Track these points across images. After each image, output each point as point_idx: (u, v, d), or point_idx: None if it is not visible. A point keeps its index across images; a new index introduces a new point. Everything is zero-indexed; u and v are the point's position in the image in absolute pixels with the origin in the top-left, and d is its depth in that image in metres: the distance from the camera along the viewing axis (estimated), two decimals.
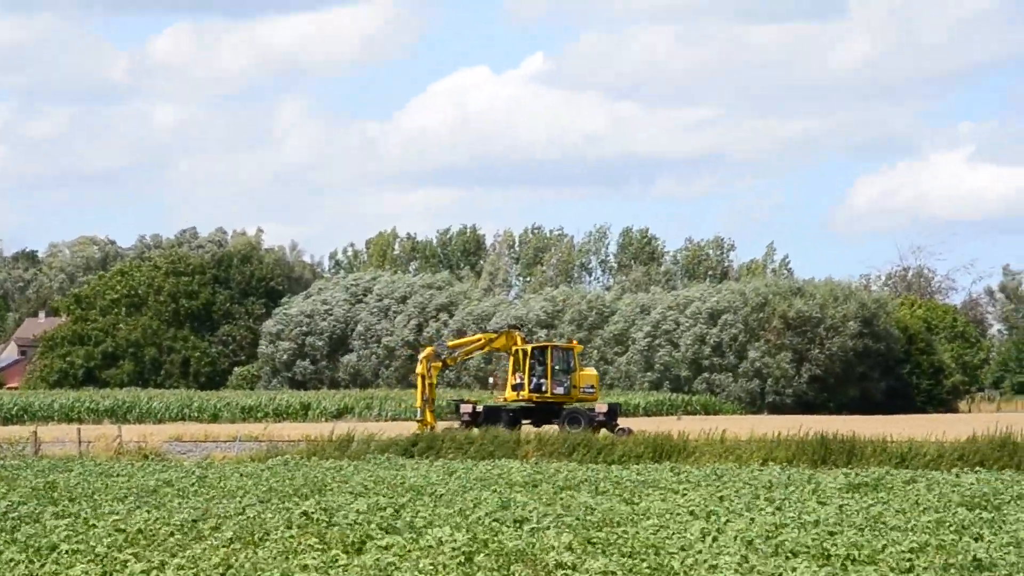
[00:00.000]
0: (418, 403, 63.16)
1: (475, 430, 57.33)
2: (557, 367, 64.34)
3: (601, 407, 63.92)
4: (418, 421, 62.30)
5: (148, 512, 30.40)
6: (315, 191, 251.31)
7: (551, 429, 58.82)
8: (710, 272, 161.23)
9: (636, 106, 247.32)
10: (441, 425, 61.45)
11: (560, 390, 63.90)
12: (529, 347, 64.69)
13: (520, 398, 63.83)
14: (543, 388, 63.72)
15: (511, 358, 64.72)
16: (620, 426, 62.44)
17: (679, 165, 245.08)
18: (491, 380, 69.45)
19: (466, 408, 63.71)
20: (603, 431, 60.38)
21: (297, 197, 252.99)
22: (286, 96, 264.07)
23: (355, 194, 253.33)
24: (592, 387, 64.95)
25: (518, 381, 63.69)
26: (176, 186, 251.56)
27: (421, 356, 64.21)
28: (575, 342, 72.45)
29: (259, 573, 21.61)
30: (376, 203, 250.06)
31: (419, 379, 62.92)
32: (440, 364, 64.32)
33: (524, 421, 63.00)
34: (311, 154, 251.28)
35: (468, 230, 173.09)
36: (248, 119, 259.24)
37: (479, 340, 67.00)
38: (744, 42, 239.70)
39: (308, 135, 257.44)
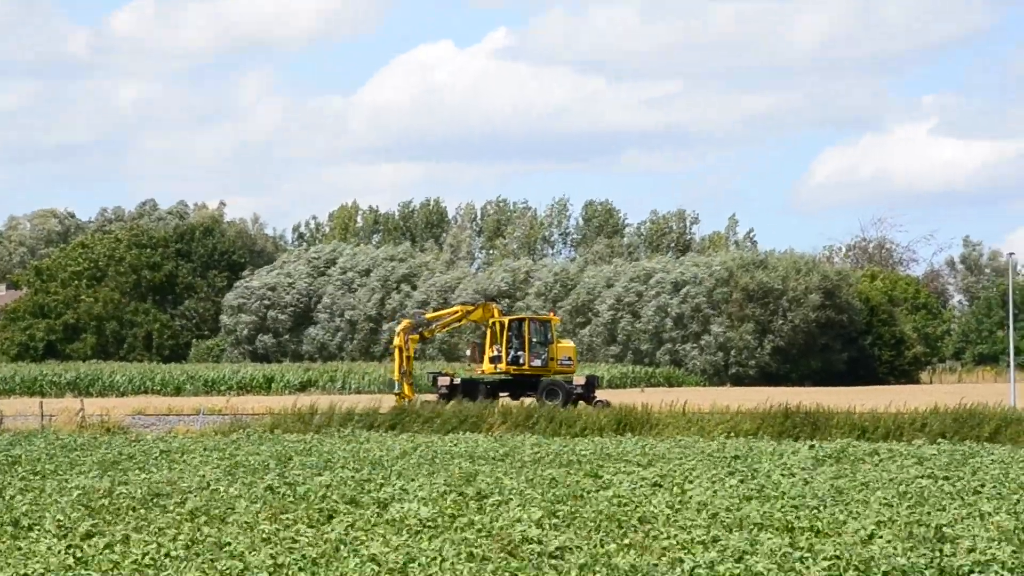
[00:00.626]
0: (396, 376, 63.09)
1: (452, 403, 57.38)
2: (535, 339, 64.29)
3: (579, 379, 63.89)
4: (396, 394, 62.21)
5: (112, 486, 30.32)
6: (278, 165, 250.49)
7: (515, 402, 58.82)
8: (672, 245, 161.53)
9: (601, 80, 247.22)
10: (419, 398, 61.46)
11: (538, 362, 63.83)
12: (507, 319, 64.56)
13: (498, 371, 63.74)
14: (520, 361, 63.67)
15: (488, 331, 64.67)
16: (598, 398, 62.47)
17: (644, 139, 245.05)
18: (468, 352, 69.39)
19: (443, 381, 63.58)
20: (581, 403, 60.45)
21: (260, 171, 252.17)
22: (249, 70, 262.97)
23: (318, 168, 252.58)
24: (570, 359, 64.86)
25: (495, 354, 63.68)
26: (138, 161, 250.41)
27: (398, 328, 64.09)
28: (553, 314, 72.38)
29: (223, 547, 21.59)
30: (339, 177, 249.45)
31: (396, 351, 62.85)
32: (417, 337, 64.28)
33: (502, 394, 62.89)
34: (274, 128, 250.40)
35: (432, 202, 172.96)
36: (210, 93, 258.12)
37: (456, 312, 66.94)
38: (709, 17, 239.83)
39: (271, 109, 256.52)
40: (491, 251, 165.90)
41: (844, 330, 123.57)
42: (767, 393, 66.14)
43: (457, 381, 63.81)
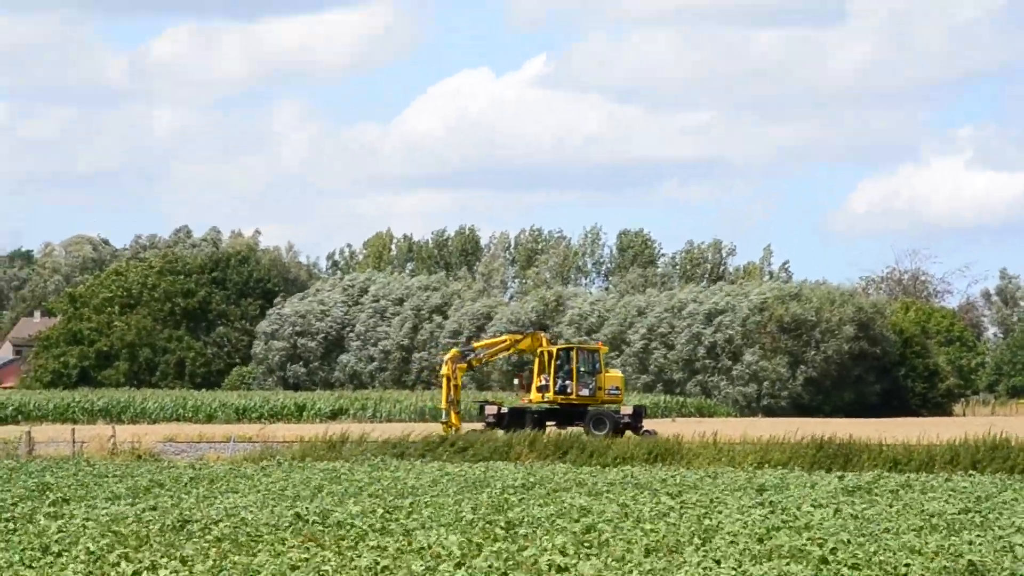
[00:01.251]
0: (443, 404, 63.25)
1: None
2: (582, 369, 64.15)
3: (626, 409, 63.69)
4: (443, 423, 62.30)
5: (141, 513, 30.35)
6: (313, 194, 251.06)
7: (563, 431, 58.72)
8: (707, 276, 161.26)
9: (637, 109, 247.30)
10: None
11: (585, 392, 63.68)
12: (554, 349, 64.51)
13: (545, 400, 63.57)
14: (568, 390, 63.54)
15: (536, 360, 64.60)
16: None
17: (679, 169, 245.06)
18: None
19: (491, 409, 63.51)
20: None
21: (295, 200, 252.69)
22: (285, 99, 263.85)
23: (353, 197, 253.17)
24: (617, 389, 64.66)
25: (543, 383, 63.61)
26: (173, 188, 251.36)
27: (446, 357, 64.31)
28: (601, 344, 72.26)
29: (251, 574, 21.57)
30: (375, 206, 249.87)
31: (444, 380, 62.99)
32: (465, 365, 64.38)
33: (549, 423, 62.81)
34: (310, 157, 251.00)
35: (466, 230, 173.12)
36: (247, 122, 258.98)
37: (504, 341, 67.05)
38: (745, 46, 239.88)
39: (307, 138, 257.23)
40: (524, 280, 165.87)
41: (878, 362, 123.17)
42: (799, 424, 65.89)
43: (504, 410, 63.70)
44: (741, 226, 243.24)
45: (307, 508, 30.70)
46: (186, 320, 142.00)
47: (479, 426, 62.19)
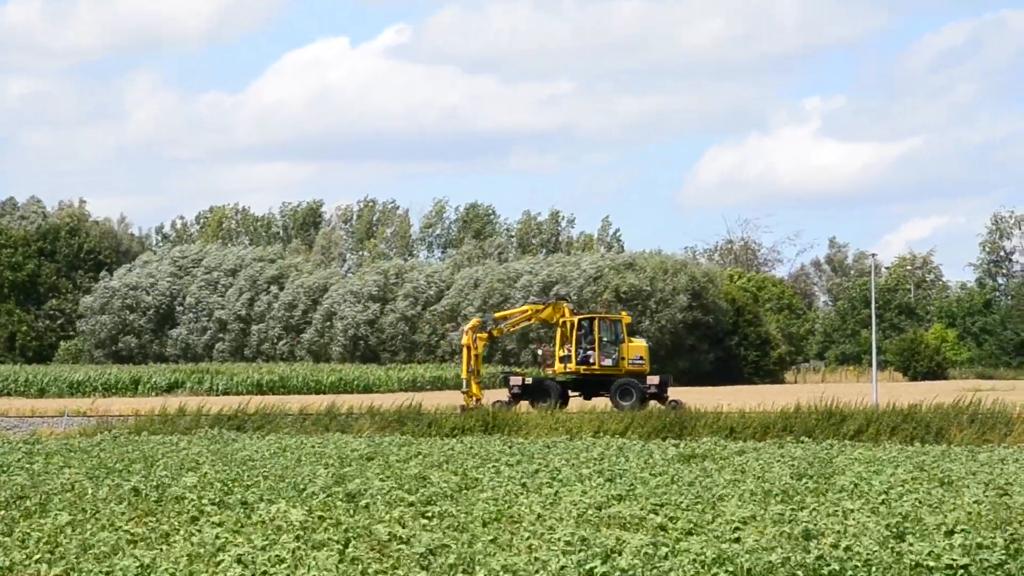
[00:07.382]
0: (463, 375, 62.80)
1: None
2: (605, 339, 63.76)
3: (652, 379, 63.16)
4: (464, 393, 61.88)
5: None
6: (163, 165, 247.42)
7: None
8: (544, 246, 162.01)
9: (493, 80, 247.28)
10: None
11: (608, 362, 63.30)
12: (576, 319, 64.01)
13: (567, 371, 63.28)
14: (591, 360, 63.20)
15: (558, 330, 64.19)
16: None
17: (534, 140, 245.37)
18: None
19: (515, 381, 63.00)
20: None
21: (144, 171, 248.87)
22: (139, 68, 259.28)
23: (204, 168, 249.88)
24: (641, 358, 64.03)
25: (566, 353, 63.26)
26: (20, 158, 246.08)
27: (467, 328, 63.93)
28: (624, 313, 72.34)
29: (88, 550, 21.33)
30: (227, 177, 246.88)
31: (464, 351, 62.47)
32: (486, 336, 63.98)
33: (573, 393, 62.51)
34: (160, 127, 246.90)
35: (312, 203, 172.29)
36: (98, 91, 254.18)
37: (525, 311, 66.68)
38: (602, 18, 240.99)
39: (159, 108, 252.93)
40: (362, 252, 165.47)
41: (711, 330, 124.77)
42: None
43: (528, 381, 63.30)
44: (588, 197, 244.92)
45: (144, 482, 30.43)
46: (15, 293, 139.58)
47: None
